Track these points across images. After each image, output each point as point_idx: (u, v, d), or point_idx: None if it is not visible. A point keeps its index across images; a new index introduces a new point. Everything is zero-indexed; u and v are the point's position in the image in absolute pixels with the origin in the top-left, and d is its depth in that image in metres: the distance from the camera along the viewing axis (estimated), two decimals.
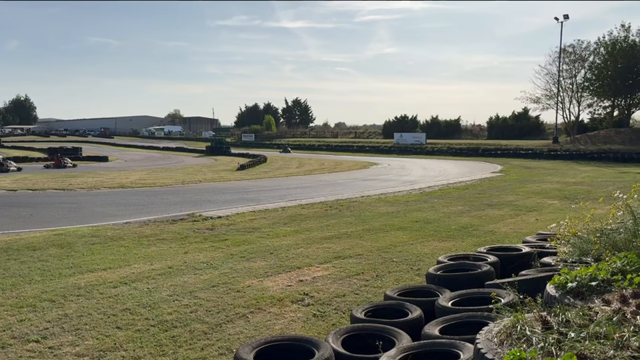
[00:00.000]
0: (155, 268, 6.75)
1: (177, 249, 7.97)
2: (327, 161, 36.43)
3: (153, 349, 4.19)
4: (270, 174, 25.72)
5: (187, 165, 33.74)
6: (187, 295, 5.64)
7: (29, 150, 45.37)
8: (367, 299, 5.48)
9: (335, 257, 7.46)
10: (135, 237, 8.77)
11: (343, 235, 9.14)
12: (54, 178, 21.74)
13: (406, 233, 9.27)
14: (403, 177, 23.32)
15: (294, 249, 7.93)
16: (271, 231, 9.49)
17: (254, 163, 32.61)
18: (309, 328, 4.69)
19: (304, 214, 11.64)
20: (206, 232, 9.38)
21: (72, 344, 4.28)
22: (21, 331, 4.53)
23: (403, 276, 6.45)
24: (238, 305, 5.30)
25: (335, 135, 75.91)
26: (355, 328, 3.69)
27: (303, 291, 5.77)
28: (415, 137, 55.54)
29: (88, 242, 8.32)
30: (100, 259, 7.18)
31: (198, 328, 4.67)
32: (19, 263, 6.93)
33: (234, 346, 4.23)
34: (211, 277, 6.37)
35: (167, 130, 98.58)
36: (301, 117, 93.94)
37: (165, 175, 23.94)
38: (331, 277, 6.41)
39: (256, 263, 7.07)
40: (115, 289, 5.81)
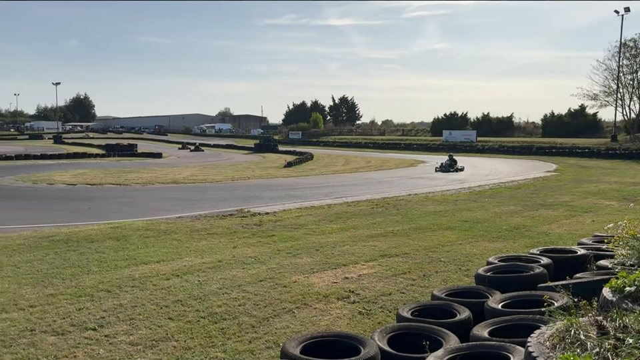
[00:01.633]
0: (205, 261, 6.94)
1: (226, 243, 8.15)
2: (373, 159, 36.22)
3: (202, 340, 4.32)
4: (316, 171, 25.84)
5: (236, 161, 34.39)
6: (235, 288, 5.77)
7: (87, 146, 47.47)
8: (413, 298, 5.43)
9: (381, 255, 7.42)
10: (186, 231, 9.04)
11: (389, 233, 9.08)
12: (111, 173, 22.69)
13: (454, 233, 9.10)
14: (452, 176, 22.89)
15: (340, 246, 7.95)
16: (317, 227, 9.54)
17: (300, 160, 32.86)
18: (355, 325, 4.70)
19: (350, 211, 11.64)
20: (254, 227, 9.55)
21: (126, 333, 4.47)
22: (80, 319, 4.77)
23: (451, 276, 6.34)
24: (284, 300, 5.38)
25: (382, 132, 75.32)
26: (402, 327, 3.66)
27: (349, 288, 5.78)
28: (464, 135, 54.26)
29: (142, 235, 8.64)
30: (153, 252, 7.45)
31: (246, 321, 4.77)
32: (78, 254, 7.29)
33: (280, 340, 4.29)
34: (258, 271, 6.49)
35: (217, 128, 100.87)
36: (348, 115, 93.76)
37: (215, 172, 24.52)
38: (376, 275, 6.39)
39: (302, 259, 7.13)
40: (168, 280, 6.02)
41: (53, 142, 59.03)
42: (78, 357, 3.97)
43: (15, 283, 5.88)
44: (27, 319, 4.75)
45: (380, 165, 30.31)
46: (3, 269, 6.47)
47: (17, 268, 6.50)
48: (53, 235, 8.61)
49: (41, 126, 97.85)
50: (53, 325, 4.61)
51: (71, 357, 3.97)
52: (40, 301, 5.25)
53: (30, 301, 5.26)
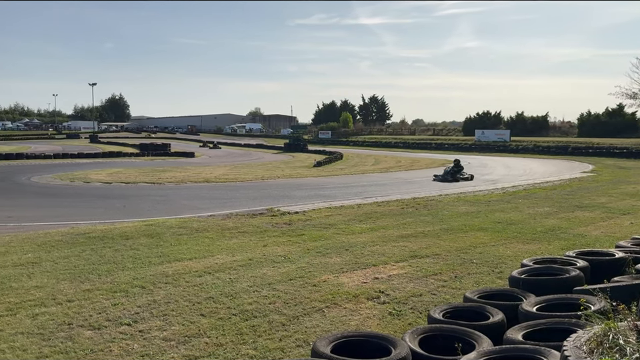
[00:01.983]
0: (236, 259, 7.02)
1: (256, 242, 8.22)
2: (403, 159, 35.95)
3: (234, 337, 4.37)
4: (345, 171, 25.81)
5: (266, 161, 34.66)
6: (265, 286, 5.82)
7: (122, 145, 48.63)
8: (444, 299, 5.36)
9: (412, 255, 7.36)
10: (218, 229, 9.16)
11: (419, 233, 8.99)
12: (145, 172, 23.18)
13: (487, 234, 8.95)
14: (484, 176, 22.50)
15: (369, 246, 7.92)
16: (347, 227, 9.53)
17: (330, 159, 32.87)
18: (385, 326, 4.68)
19: (380, 211, 11.58)
20: (284, 226, 9.60)
21: (160, 328, 4.56)
22: (115, 314, 4.89)
23: (484, 278, 6.24)
24: (314, 299, 5.39)
25: (412, 132, 74.70)
26: (433, 328, 3.63)
27: (379, 289, 5.75)
28: (497, 134, 53.27)
29: (175, 233, 8.80)
30: (186, 249, 7.58)
31: (276, 319, 4.80)
32: (113, 250, 7.47)
33: (311, 339, 4.31)
34: (288, 270, 6.52)
35: (247, 127, 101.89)
36: (378, 114, 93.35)
37: (245, 171, 24.77)
38: (407, 275, 6.34)
39: (332, 259, 7.13)
40: (200, 278, 6.11)
41: (89, 141, 60.72)
42: (113, 352, 4.07)
43: (54, 277, 6.07)
44: (64, 313, 4.90)
45: (410, 164, 30.06)
46: (42, 264, 6.69)
47: (55, 263, 6.72)
48: (90, 231, 8.86)
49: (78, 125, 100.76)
50: (90, 320, 4.74)
51: (107, 351, 4.07)
52: (77, 296, 5.40)
53: (67, 295, 5.42)
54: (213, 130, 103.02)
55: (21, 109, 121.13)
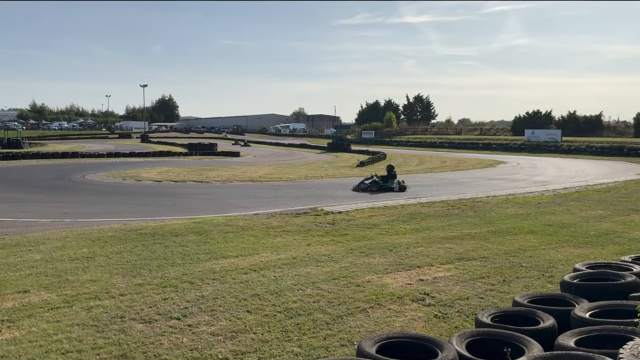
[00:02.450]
0: (280, 258, 7.10)
1: (300, 240, 8.29)
2: (448, 159, 35.31)
3: (279, 334, 4.43)
4: None
5: (309, 160, 34.84)
6: (309, 285, 5.86)
7: (171, 145, 50.00)
8: (492, 303, 5.25)
9: (458, 258, 7.23)
10: (263, 228, 9.30)
11: (466, 235, 8.82)
12: (193, 171, 23.77)
13: (537, 237, 8.68)
14: (534, 177, 21.82)
15: (414, 248, 7.84)
16: (390, 228, 9.46)
17: (373, 159, 32.70)
18: (430, 328, 4.62)
19: (424, 212, 11.43)
20: (327, 226, 9.63)
21: (208, 323, 4.68)
22: (165, 309, 5.05)
23: (533, 282, 6.06)
24: (358, 299, 5.39)
25: (459, 131, 73.25)
26: (481, 332, 3.56)
27: (424, 291, 5.69)
28: (548, 134, 51.46)
29: (222, 230, 8.99)
30: (232, 247, 7.73)
31: (320, 318, 4.83)
32: (163, 247, 7.71)
33: (355, 338, 4.31)
34: (332, 269, 6.54)
35: (291, 127, 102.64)
36: (423, 114, 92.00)
37: (289, 170, 24.99)
38: (453, 278, 6.24)
39: (375, 259, 7.10)
40: (246, 275, 6.23)
41: (140, 141, 62.75)
42: (163, 345, 4.21)
43: (107, 272, 6.32)
44: (117, 307, 5.10)
45: (456, 165, 29.51)
46: (97, 259, 6.98)
47: (109, 258, 7.00)
48: (141, 228, 9.17)
49: (129, 125, 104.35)
50: (141, 313, 4.91)
51: (157, 345, 4.21)
52: (129, 290, 5.61)
53: (120, 289, 5.64)
54: (257, 130, 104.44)
55: (77, 110, 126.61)
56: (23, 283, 5.82)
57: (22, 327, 4.58)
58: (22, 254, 7.22)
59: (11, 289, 5.62)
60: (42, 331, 4.48)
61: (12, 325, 4.61)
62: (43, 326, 4.58)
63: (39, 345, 4.18)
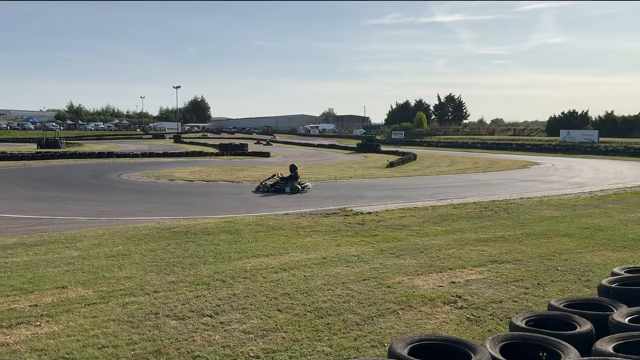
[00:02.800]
0: (310, 257, 7.12)
1: (330, 241, 8.29)
2: (481, 160, 34.75)
3: (309, 334, 4.44)
4: (419, 172, 25.36)
5: (339, 161, 34.80)
6: (339, 285, 5.85)
7: (203, 145, 50.76)
8: (526, 307, 5.14)
9: (491, 260, 7.11)
10: (292, 228, 9.34)
11: (499, 238, 8.66)
12: (224, 171, 24.08)
13: (573, 240, 8.46)
14: (570, 179, 21.26)
15: (445, 249, 7.74)
16: (421, 229, 9.37)
17: (403, 160, 32.42)
18: (463, 331, 4.56)
19: (456, 214, 11.27)
20: (357, 226, 9.61)
21: (239, 321, 4.73)
22: (198, 306, 5.13)
23: (569, 286, 5.91)
24: (388, 300, 5.35)
25: (491, 132, 71.96)
26: (515, 336, 3.48)
27: (456, 293, 5.61)
28: (584, 135, 50.08)
29: (253, 230, 9.07)
30: (263, 246, 7.79)
31: (351, 318, 4.82)
32: (195, 245, 7.83)
33: (385, 340, 4.29)
34: (362, 270, 6.52)
35: (320, 128, 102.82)
36: (454, 114, 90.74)
37: (318, 171, 25.02)
38: (485, 281, 6.13)
39: (405, 261, 7.05)
40: (276, 274, 6.27)
41: (173, 141, 63.93)
42: (196, 341, 4.27)
43: (141, 269, 6.46)
44: (151, 303, 5.20)
45: (488, 166, 29.01)
46: (131, 256, 7.14)
47: (143, 256, 7.15)
48: (174, 226, 9.34)
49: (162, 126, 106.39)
50: (175, 310, 5.00)
51: (190, 341, 4.28)
52: (163, 287, 5.72)
53: (154, 286, 5.75)
54: (287, 130, 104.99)
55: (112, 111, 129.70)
56: (61, 279, 6.01)
57: (60, 321, 4.72)
58: (60, 251, 7.45)
59: (49, 284, 5.80)
60: (79, 325, 4.61)
61: (51, 320, 4.76)
62: (80, 321, 4.71)
63: (77, 339, 4.31)
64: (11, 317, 4.79)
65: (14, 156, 30.91)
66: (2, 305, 5.12)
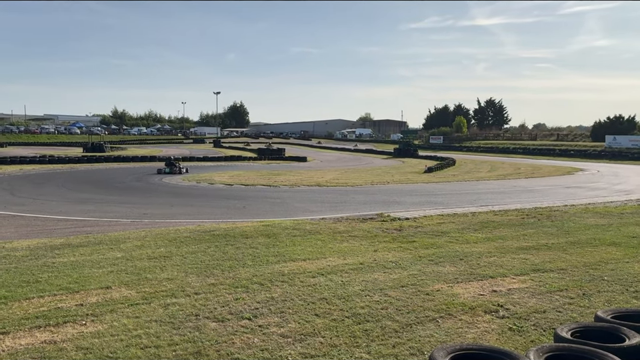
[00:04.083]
0: (347, 262, 7.10)
1: (367, 246, 8.25)
2: (522, 165, 33.90)
3: (347, 340, 4.43)
4: (458, 177, 24.95)
5: (376, 166, 34.66)
6: (377, 291, 5.81)
7: (242, 150, 51.54)
8: (571, 318, 4.97)
9: (533, 269, 6.91)
10: (329, 232, 9.34)
11: (542, 246, 8.41)
12: (261, 175, 24.36)
13: (620, 249, 8.14)
14: (616, 186, 20.48)
15: (486, 257, 7.57)
16: (460, 236, 9.20)
17: (442, 165, 31.99)
18: (505, 341, 4.44)
19: (497, 221, 11.03)
20: (394, 232, 9.53)
21: (277, 325, 4.76)
22: (237, 309, 5.19)
23: (616, 297, 5.68)
24: (427, 308, 5.28)
25: (533, 137, 70.13)
26: (560, 347, 3.38)
27: (497, 302, 5.48)
28: (632, 140, 48.20)
29: (290, 234, 9.13)
30: (300, 250, 7.83)
31: (389, 325, 4.77)
32: (234, 248, 7.94)
33: (425, 348, 4.23)
34: (399, 276, 6.46)
35: (357, 133, 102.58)
36: (495, 118, 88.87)
37: (355, 176, 24.98)
38: (528, 290, 5.97)
39: (445, 268, 6.93)
40: (314, 278, 6.28)
41: (212, 146, 65.12)
42: (235, 344, 4.32)
43: (182, 271, 6.60)
44: (192, 305, 5.30)
45: (531, 172, 28.26)
46: (173, 258, 7.30)
47: (184, 258, 7.30)
48: (214, 229, 9.50)
49: (203, 131, 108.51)
50: (214, 312, 5.08)
51: (230, 343, 4.33)
52: (203, 289, 5.82)
53: (195, 288, 5.86)
54: (324, 135, 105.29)
55: (154, 116, 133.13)
56: (105, 280, 6.20)
57: (104, 321, 4.86)
58: (104, 252, 7.70)
59: (94, 284, 6.00)
60: (123, 325, 4.74)
61: (96, 319, 4.91)
62: (124, 321, 4.85)
63: (120, 339, 4.43)
64: (58, 316, 4.97)
65: (61, 159, 32.20)
66: (49, 304, 5.32)
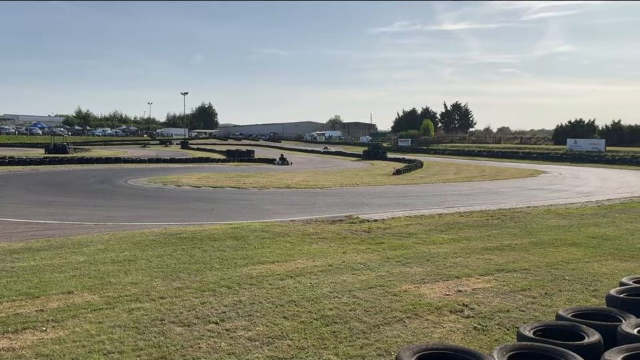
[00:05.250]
0: (316, 264, 7.11)
1: (336, 248, 8.28)
2: (487, 168, 34.66)
3: (315, 342, 4.42)
4: (426, 179, 25.32)
5: (345, 168, 34.82)
6: (345, 293, 5.84)
7: (210, 152, 50.92)
8: (534, 317, 5.10)
9: (497, 269, 7.07)
10: (298, 234, 9.33)
11: (506, 246, 8.61)
12: (230, 177, 24.14)
13: (580, 250, 8.40)
14: (577, 188, 21.16)
15: (452, 258, 7.70)
16: (427, 237, 9.33)
17: (410, 168, 32.39)
18: (469, 341, 4.52)
19: (462, 222, 11.23)
20: (363, 234, 9.59)
21: (245, 328, 4.72)
22: (203, 313, 5.12)
23: (577, 296, 5.86)
24: (395, 309, 5.33)
25: (498, 140, 71.80)
26: (523, 346, 3.45)
27: (462, 302, 5.58)
28: (591, 144, 49.93)
29: (259, 236, 9.07)
30: (269, 252, 7.79)
31: (357, 326, 4.80)
32: (202, 251, 7.84)
33: (392, 348, 4.26)
34: (368, 278, 6.50)
35: (327, 135, 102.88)
36: (461, 122, 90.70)
37: (325, 178, 25.04)
38: (492, 290, 6.10)
39: (412, 269, 7.02)
40: (282, 281, 6.26)
41: (180, 147, 64.21)
42: (202, 349, 4.26)
43: (147, 275, 6.47)
44: (157, 309, 5.20)
45: (495, 174, 28.92)
46: (138, 262, 7.15)
47: (149, 262, 7.16)
48: (180, 232, 9.36)
49: (170, 132, 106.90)
50: (180, 317, 4.99)
51: (196, 348, 4.27)
52: (169, 293, 5.72)
53: (160, 292, 5.75)
54: (293, 137, 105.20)
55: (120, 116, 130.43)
56: (67, 284, 6.02)
57: (66, 327, 4.72)
58: (67, 256, 7.48)
59: (55, 289, 5.82)
60: (85, 331, 4.61)
61: (57, 325, 4.76)
62: (86, 326, 4.72)
63: (82, 345, 4.31)
64: (17, 322, 4.80)
65: (22, 161, 31.15)
66: (8, 310, 5.14)
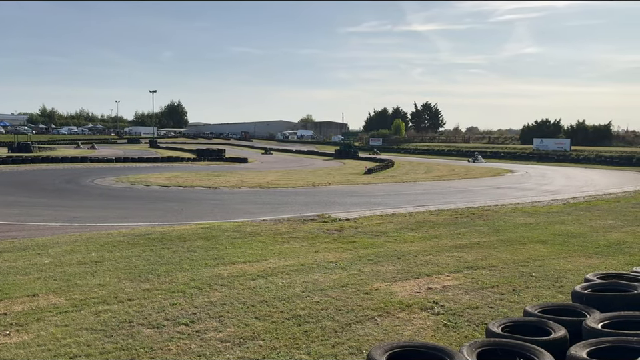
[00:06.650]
0: (288, 264, 7.08)
1: (308, 247, 8.27)
2: (457, 167, 35.23)
3: (287, 341, 4.40)
4: (397, 178, 25.56)
5: (317, 167, 34.85)
6: (317, 292, 5.83)
7: (180, 151, 50.23)
8: (502, 313, 5.20)
9: (467, 266, 7.18)
10: (270, 234, 9.29)
11: (474, 244, 8.77)
12: (201, 177, 23.85)
13: (546, 247, 8.61)
14: (543, 186, 21.70)
15: (422, 256, 7.79)
16: (399, 235, 9.42)
17: (381, 167, 32.66)
18: (440, 337, 4.58)
19: (432, 220, 11.38)
20: (335, 233, 9.61)
21: (216, 329, 4.66)
22: (173, 314, 5.04)
23: (543, 292, 6.00)
24: (366, 307, 5.35)
25: (467, 139, 73.10)
26: (492, 342, 3.51)
27: (433, 299, 5.65)
28: (557, 143, 51.35)
29: (230, 236, 8.99)
30: (240, 252, 7.72)
31: (329, 325, 4.80)
32: (171, 252, 7.71)
33: (363, 347, 4.28)
34: (340, 276, 6.51)
35: (299, 134, 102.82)
36: (431, 121, 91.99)
37: (297, 177, 25.00)
38: (462, 287, 6.19)
39: (383, 267, 7.07)
40: (254, 281, 6.21)
41: (149, 146, 63.11)
42: (172, 350, 4.19)
43: (115, 277, 6.33)
44: (125, 311, 5.09)
45: (464, 173, 29.41)
46: (105, 263, 6.99)
47: (117, 263, 7.01)
48: (149, 233, 9.19)
49: (138, 131, 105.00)
50: (149, 319, 4.90)
51: (165, 350, 4.20)
52: (137, 295, 5.61)
53: (128, 294, 5.64)
54: (265, 136, 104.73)
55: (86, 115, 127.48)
56: (31, 287, 5.84)
57: (31, 330, 4.58)
58: (31, 257, 7.26)
59: (20, 292, 5.64)
60: (50, 335, 4.48)
61: (21, 329, 4.61)
62: (52, 330, 4.59)
63: (48, 349, 4.18)
64: None
65: None
66: None
